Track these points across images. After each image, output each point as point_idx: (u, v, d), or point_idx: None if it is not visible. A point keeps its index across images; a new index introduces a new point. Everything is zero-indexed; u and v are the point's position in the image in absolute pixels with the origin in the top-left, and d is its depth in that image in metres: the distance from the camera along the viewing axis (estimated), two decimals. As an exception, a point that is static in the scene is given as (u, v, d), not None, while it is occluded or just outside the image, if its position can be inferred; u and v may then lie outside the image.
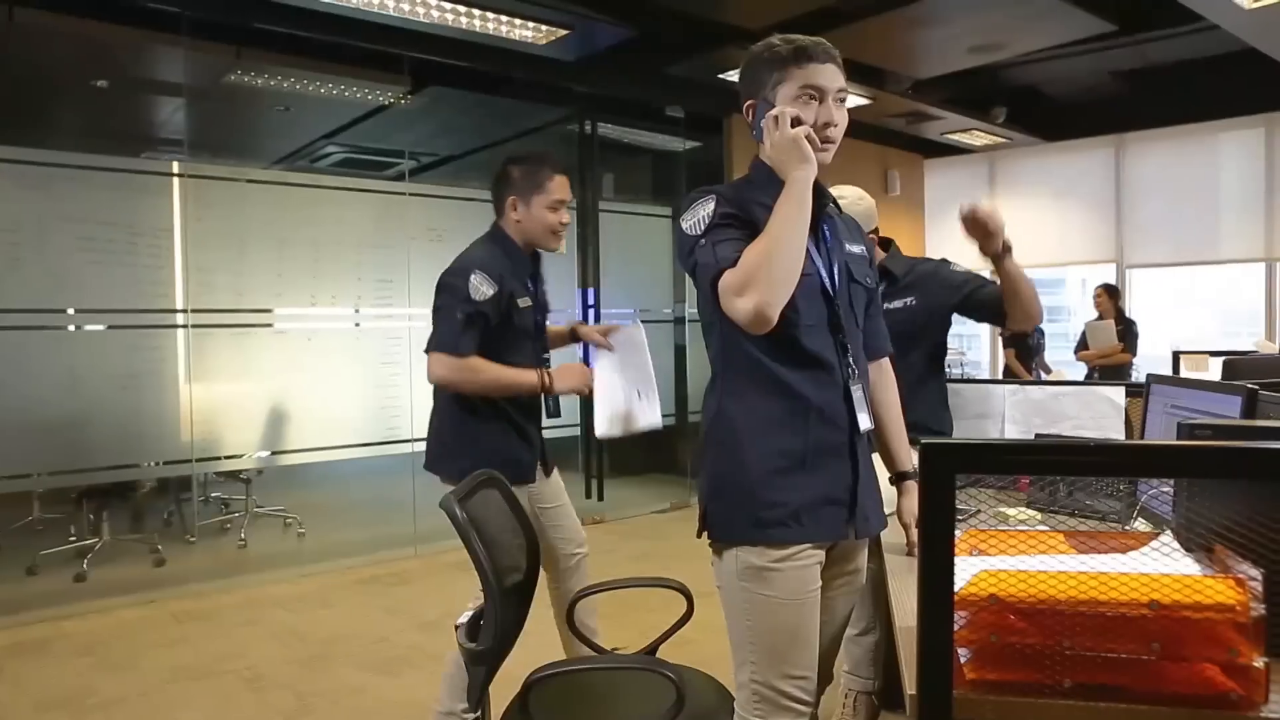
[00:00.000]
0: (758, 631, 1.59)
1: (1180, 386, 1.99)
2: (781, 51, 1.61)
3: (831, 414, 1.62)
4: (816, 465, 1.61)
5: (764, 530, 1.58)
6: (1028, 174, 8.56)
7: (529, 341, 2.58)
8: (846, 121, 1.65)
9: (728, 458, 1.65)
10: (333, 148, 7.43)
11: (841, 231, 1.75)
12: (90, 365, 4.36)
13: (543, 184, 2.51)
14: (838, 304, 1.66)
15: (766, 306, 1.48)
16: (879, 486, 1.75)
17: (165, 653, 3.64)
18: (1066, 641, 1.07)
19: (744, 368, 1.65)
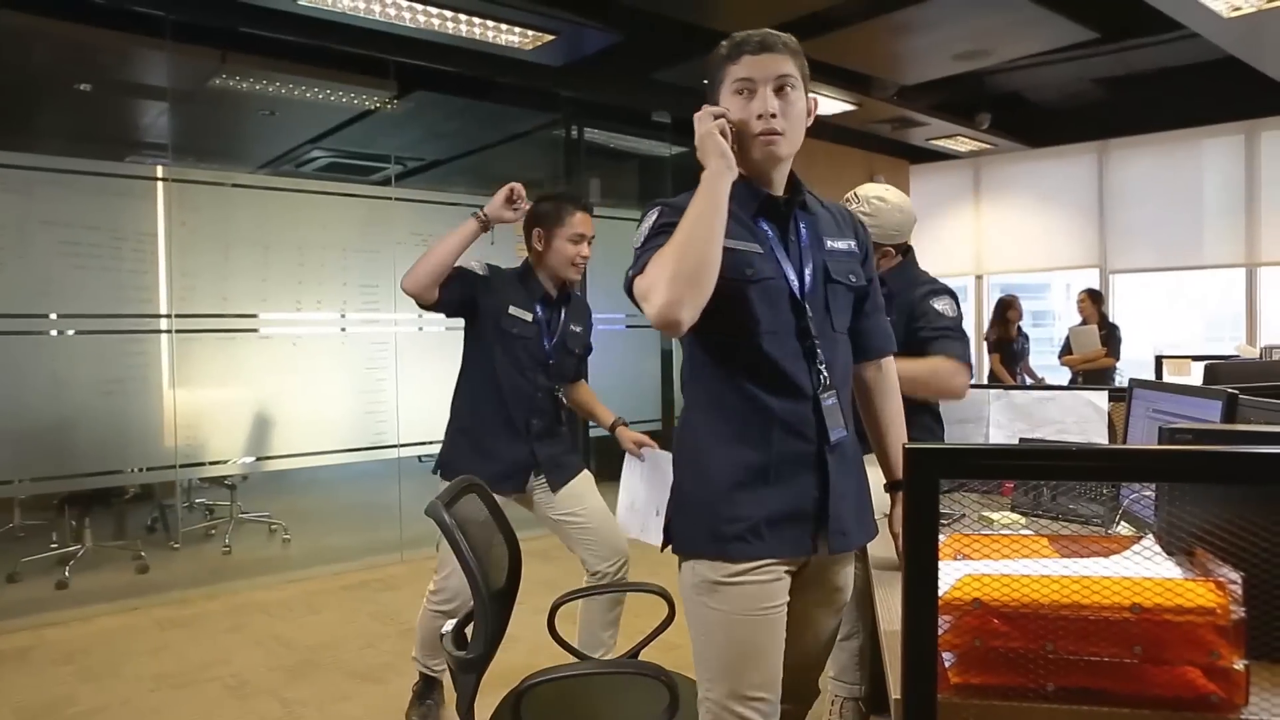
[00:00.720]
0: (712, 647, 1.55)
1: (1162, 391, 2.00)
2: (722, 50, 1.59)
3: (797, 425, 1.56)
4: (780, 478, 1.55)
5: (722, 545, 1.54)
6: (1013, 179, 8.62)
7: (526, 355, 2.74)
8: (802, 108, 1.58)
9: (690, 470, 1.62)
10: (318, 152, 7.41)
11: (824, 227, 1.67)
12: (73, 371, 4.32)
13: (564, 218, 2.76)
14: (807, 308, 1.58)
15: (668, 307, 1.41)
16: (867, 496, 1.69)
17: (148, 661, 3.61)
18: (1050, 645, 1.08)
19: (706, 378, 1.61)
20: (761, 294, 1.54)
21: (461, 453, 2.77)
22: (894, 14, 5.06)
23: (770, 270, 1.56)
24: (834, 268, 1.63)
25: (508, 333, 2.73)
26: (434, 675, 2.93)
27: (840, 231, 1.69)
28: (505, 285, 2.78)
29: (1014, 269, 8.81)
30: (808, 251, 1.62)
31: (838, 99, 6.35)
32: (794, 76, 1.56)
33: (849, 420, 1.64)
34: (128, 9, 4.35)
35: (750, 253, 1.56)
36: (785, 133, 1.55)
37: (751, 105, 1.54)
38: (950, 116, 7.24)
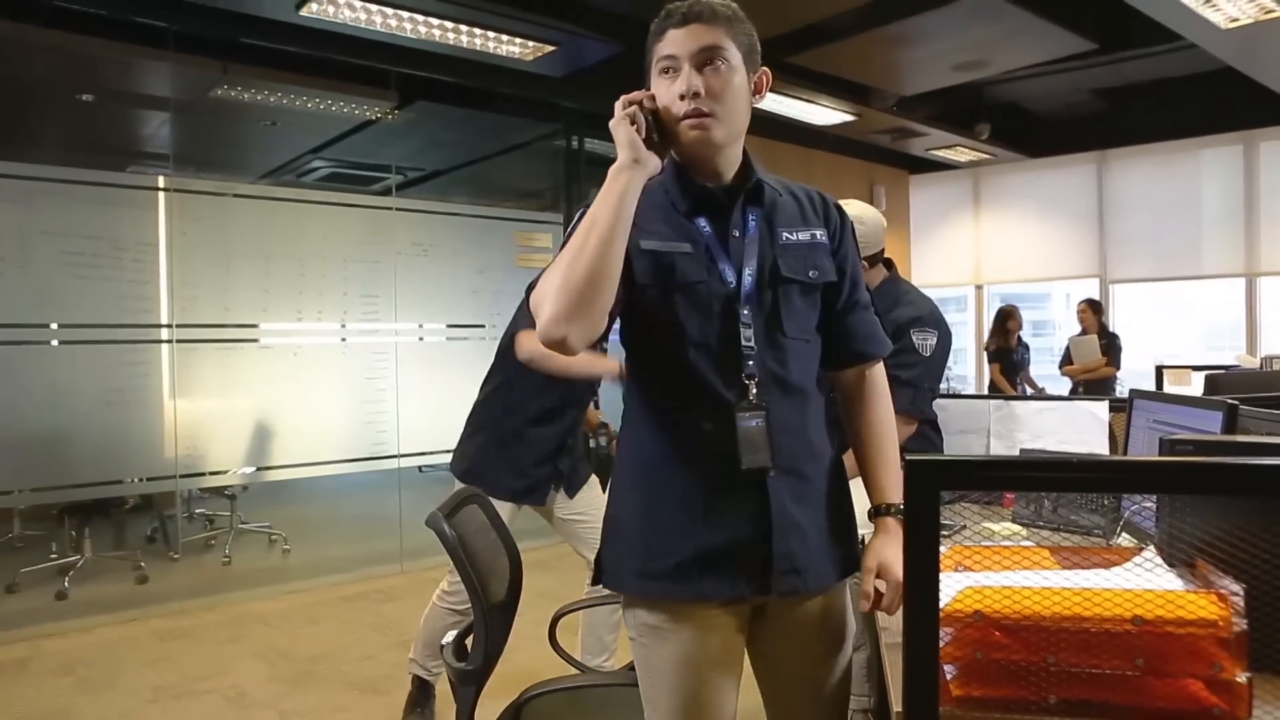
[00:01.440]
0: (654, 694, 1.40)
1: (1162, 402, 2.00)
2: (653, 26, 1.41)
3: (729, 448, 1.36)
4: (713, 509, 1.36)
5: (646, 583, 1.38)
6: (1012, 189, 8.64)
7: None
8: (740, 83, 1.37)
9: (619, 498, 1.46)
10: (319, 162, 7.42)
11: (780, 217, 1.46)
12: (74, 381, 4.33)
13: None
14: (743, 313, 1.39)
15: (552, 323, 1.26)
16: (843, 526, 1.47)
17: (147, 672, 3.60)
18: (1051, 657, 1.08)
19: (637, 394, 1.46)
20: (689, 301, 1.37)
21: (491, 464, 2.81)
22: (892, 25, 5.07)
23: (697, 273, 1.38)
24: (787, 264, 1.42)
25: None
26: (429, 679, 2.94)
27: (803, 220, 1.47)
28: None
29: (1014, 279, 8.82)
30: (752, 247, 1.41)
31: (837, 109, 6.37)
32: (725, 48, 1.35)
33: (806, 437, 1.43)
34: (130, 20, 4.37)
35: (674, 253, 1.38)
36: (716, 114, 1.34)
37: (674, 86, 1.35)
38: (949, 127, 7.26)
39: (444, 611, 2.90)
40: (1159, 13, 4.57)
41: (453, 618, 2.86)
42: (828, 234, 1.49)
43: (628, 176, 1.30)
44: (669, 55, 1.36)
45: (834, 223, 1.51)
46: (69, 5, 4.15)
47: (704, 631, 1.37)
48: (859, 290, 1.52)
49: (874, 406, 1.54)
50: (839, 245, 1.50)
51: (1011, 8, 4.86)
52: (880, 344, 1.54)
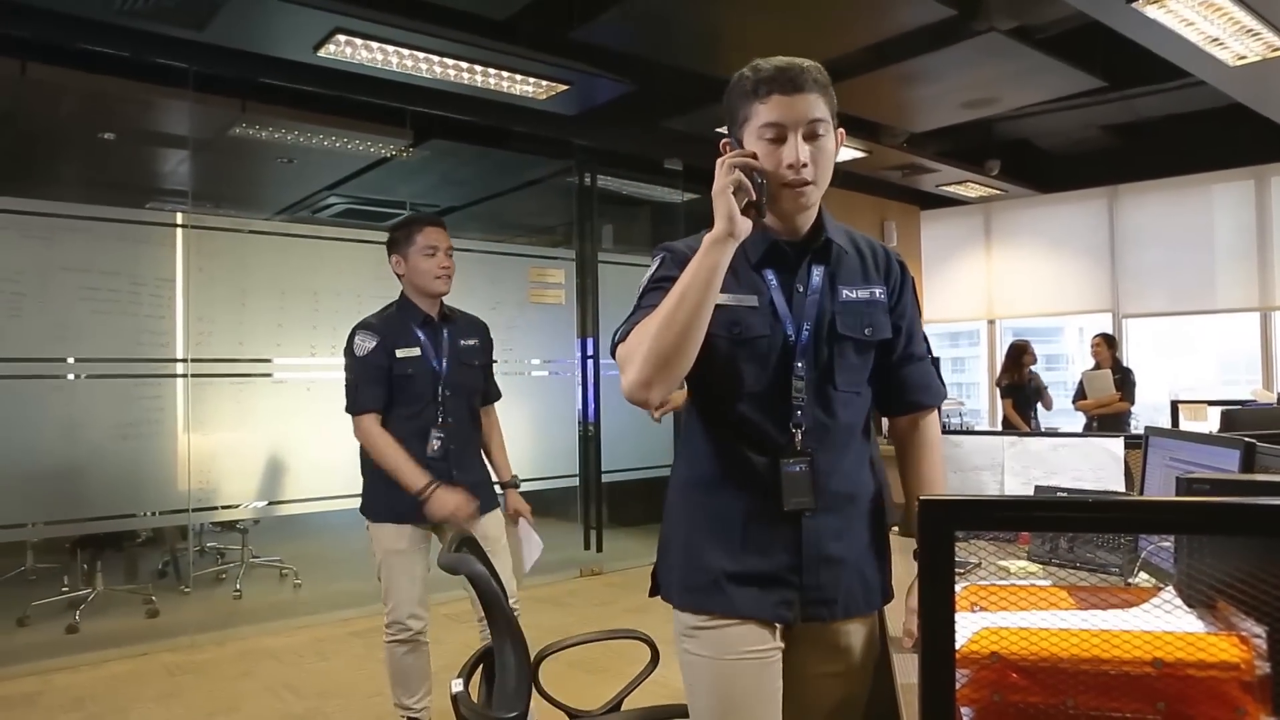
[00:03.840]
0: (699, 696, 1.50)
1: (1179, 439, 1.99)
2: (746, 83, 1.42)
3: (770, 487, 1.47)
4: (751, 538, 1.48)
5: (686, 595, 1.51)
6: (1023, 225, 8.65)
7: (415, 389, 2.82)
8: (832, 149, 1.45)
9: (671, 518, 1.59)
10: (335, 199, 7.52)
11: (844, 274, 1.54)
12: (89, 414, 4.36)
13: (413, 237, 2.84)
14: (799, 365, 1.48)
15: (638, 386, 1.35)
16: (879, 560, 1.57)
17: (157, 707, 3.58)
18: (1070, 700, 1.06)
19: (694, 430, 1.57)
20: (749, 352, 1.47)
21: (379, 493, 2.86)
22: (900, 64, 5.12)
23: (762, 326, 1.47)
24: (844, 321, 1.51)
25: (401, 376, 2.82)
26: (418, 717, 2.91)
27: (864, 277, 1.55)
28: (386, 334, 2.84)
29: (1026, 313, 8.80)
30: (814, 303, 1.50)
31: (848, 146, 6.41)
32: (826, 120, 1.43)
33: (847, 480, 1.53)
34: (152, 61, 4.46)
35: (741, 308, 1.47)
36: (816, 181, 1.43)
37: (781, 153, 1.40)
38: (960, 163, 7.30)
39: (392, 646, 2.88)
40: (1167, 51, 4.61)
41: (399, 648, 2.87)
42: (887, 290, 1.57)
43: (723, 250, 1.33)
44: (776, 123, 1.39)
45: (895, 278, 1.59)
46: (93, 48, 4.25)
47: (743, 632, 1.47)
48: (915, 343, 1.62)
49: (922, 453, 1.66)
50: (897, 301, 1.59)
51: (1020, 46, 4.91)
52: (933, 394, 1.65)
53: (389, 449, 2.75)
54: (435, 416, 2.84)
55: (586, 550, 6.40)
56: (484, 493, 2.94)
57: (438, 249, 2.85)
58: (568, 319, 6.28)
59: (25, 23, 4.02)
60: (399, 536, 2.81)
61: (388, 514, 2.84)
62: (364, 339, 2.83)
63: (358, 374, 2.81)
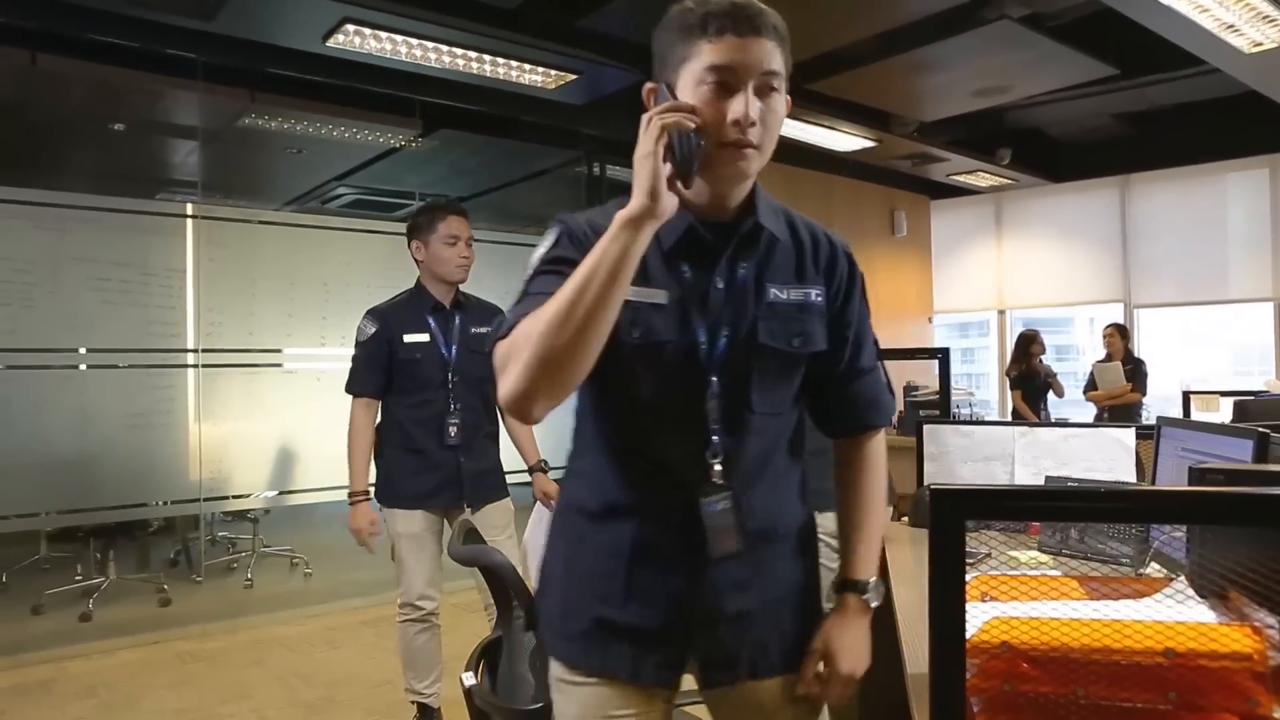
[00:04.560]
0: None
1: (1191, 430, 1.98)
2: (692, 16, 1.14)
3: (668, 526, 1.22)
4: (636, 582, 1.23)
5: (561, 643, 1.28)
6: (1034, 214, 8.61)
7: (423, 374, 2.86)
8: (782, 113, 1.18)
9: (553, 547, 1.33)
10: (344, 189, 7.52)
11: (774, 270, 1.25)
12: (100, 404, 4.38)
13: (435, 224, 2.85)
14: (713, 382, 1.21)
15: (519, 398, 1.07)
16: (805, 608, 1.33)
17: (169, 695, 3.61)
18: (1080, 690, 1.06)
19: (587, 443, 1.29)
20: (651, 361, 1.19)
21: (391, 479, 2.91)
22: (910, 53, 5.09)
23: (668, 330, 1.19)
24: (767, 328, 1.23)
25: (408, 361, 2.85)
26: (428, 702, 2.95)
27: (800, 274, 1.27)
28: (395, 319, 2.88)
29: (1037, 304, 8.76)
30: (733, 303, 1.22)
31: (857, 135, 6.39)
32: (780, 75, 1.16)
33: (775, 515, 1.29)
34: (161, 51, 4.46)
35: (644, 305, 1.18)
36: (761, 147, 1.16)
37: (728, 105, 1.12)
38: (970, 152, 7.26)
39: (404, 626, 2.93)
40: (1181, 38, 4.56)
41: (414, 628, 2.92)
42: (828, 292, 1.28)
43: (639, 232, 1.05)
44: (725, 66, 1.11)
45: (840, 277, 1.30)
46: (102, 38, 4.26)
47: (607, 695, 1.24)
48: (863, 355, 1.34)
49: (866, 476, 1.37)
50: (843, 305, 1.30)
51: (1032, 34, 4.87)
52: (881, 412, 1.37)
53: (359, 440, 2.88)
54: (447, 403, 2.86)
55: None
56: (492, 481, 2.97)
57: (459, 238, 2.88)
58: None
59: (34, 13, 4.03)
60: (411, 521, 2.87)
61: (400, 499, 2.89)
62: (366, 325, 2.89)
63: (356, 359, 2.89)
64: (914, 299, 8.77)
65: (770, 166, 1.28)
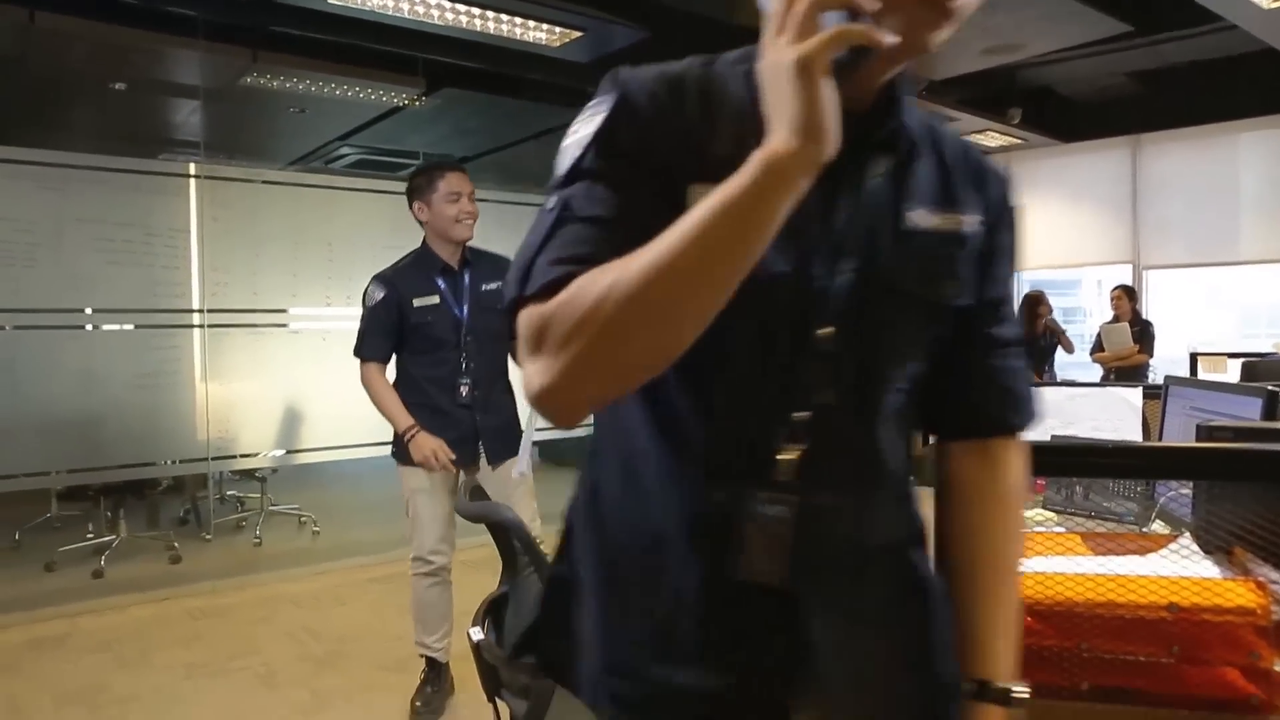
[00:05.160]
0: None
1: (1199, 389, 1.97)
2: None
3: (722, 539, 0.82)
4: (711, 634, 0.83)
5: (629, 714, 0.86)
6: (1044, 175, 8.52)
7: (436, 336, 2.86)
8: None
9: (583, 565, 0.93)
10: (347, 149, 7.47)
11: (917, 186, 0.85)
12: (108, 364, 4.40)
13: (435, 183, 2.83)
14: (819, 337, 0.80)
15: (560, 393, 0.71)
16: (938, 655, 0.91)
17: (180, 650, 3.67)
18: (1084, 644, 1.07)
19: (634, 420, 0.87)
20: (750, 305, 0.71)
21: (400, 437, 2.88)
22: (923, 8, 5.01)
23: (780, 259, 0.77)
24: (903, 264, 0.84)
25: (419, 324, 2.86)
26: (436, 657, 3.01)
27: (947, 198, 0.87)
28: (403, 283, 2.88)
29: (1045, 265, 8.71)
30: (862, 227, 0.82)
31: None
32: None
33: None
34: (161, 9, 4.41)
35: None
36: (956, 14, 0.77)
37: None
38: (980, 112, 7.16)
39: (416, 579, 2.96)
40: (1198, -7, 4.48)
41: (425, 581, 2.95)
42: (984, 221, 0.90)
43: (788, 184, 0.65)
44: None
45: (998, 211, 0.92)
46: (102, -7, 4.21)
47: None
48: (1009, 323, 0.95)
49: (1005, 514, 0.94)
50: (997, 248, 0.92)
51: (1045, -11, 4.78)
52: (1026, 410, 0.95)
53: (383, 392, 2.86)
54: (460, 363, 2.88)
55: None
56: (508, 437, 2.99)
57: (461, 194, 2.86)
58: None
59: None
60: (424, 477, 2.87)
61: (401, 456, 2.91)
62: (375, 290, 2.88)
63: (366, 323, 2.88)
64: (921, 261, 8.71)
65: None
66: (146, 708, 3.10)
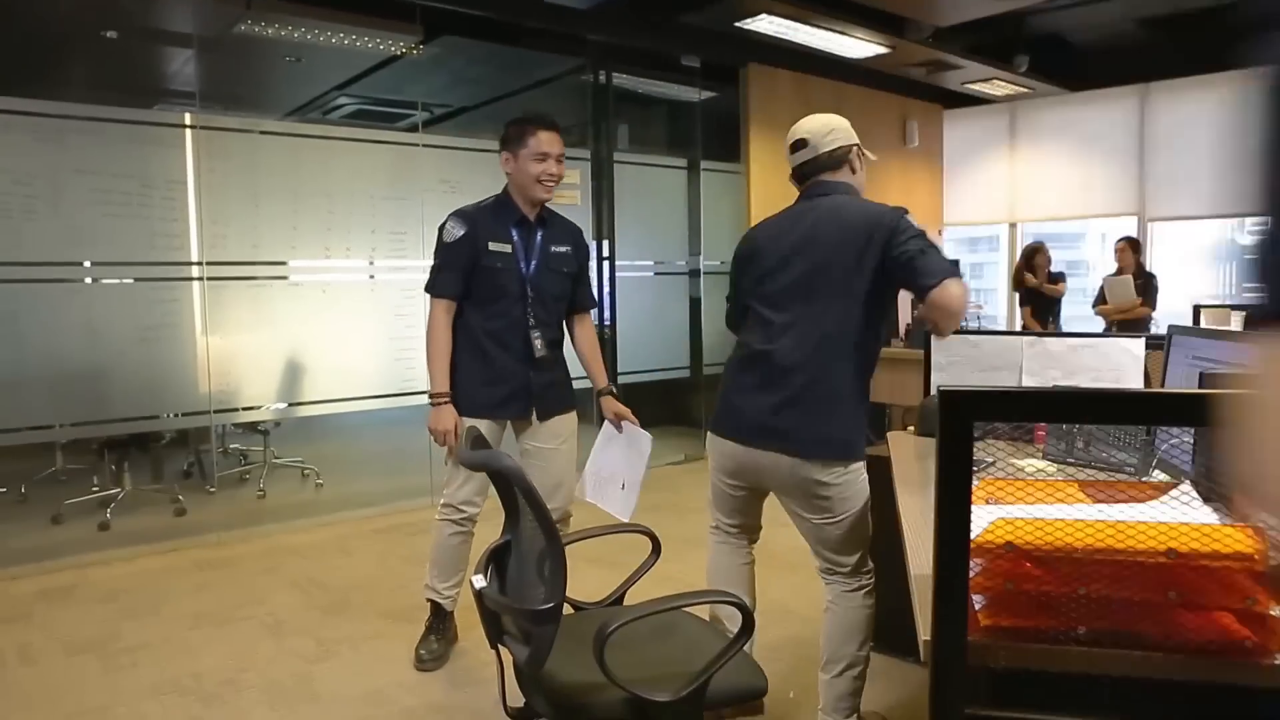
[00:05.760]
0: None
1: (1203, 338, 1.96)
2: None
3: None
4: None
5: None
6: (1050, 125, 8.41)
7: (500, 284, 2.85)
8: None
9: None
10: (345, 99, 7.37)
11: None
12: (108, 318, 4.39)
13: (526, 139, 2.82)
14: None
15: None
16: None
17: (188, 599, 3.72)
18: (1082, 589, 1.07)
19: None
20: None
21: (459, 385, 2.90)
22: (931, -49, 4.90)
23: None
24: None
25: (489, 269, 2.84)
26: (442, 602, 3.06)
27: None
28: (483, 224, 2.85)
29: (1049, 217, 8.63)
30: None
31: (870, 41, 6.20)
32: None
33: None
34: (152, -47, 4.32)
35: None
36: None
37: None
38: (987, 59, 7.05)
39: (441, 524, 3.01)
40: (1212, -65, 4.37)
41: (449, 528, 3.00)
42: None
43: None
44: None
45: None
46: (91, -63, 4.11)
47: None
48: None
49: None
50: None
51: (1056, -69, 4.67)
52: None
53: (440, 343, 2.86)
54: (524, 317, 2.88)
55: (602, 453, 6.50)
56: (562, 392, 3.02)
57: (549, 155, 2.83)
58: (583, 220, 6.20)
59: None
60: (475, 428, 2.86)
61: (471, 408, 2.89)
62: (454, 226, 2.84)
63: (442, 258, 2.86)
64: (925, 211, 8.64)
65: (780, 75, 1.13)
66: (156, 656, 3.15)
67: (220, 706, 2.77)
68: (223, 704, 2.78)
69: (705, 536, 2.52)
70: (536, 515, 1.65)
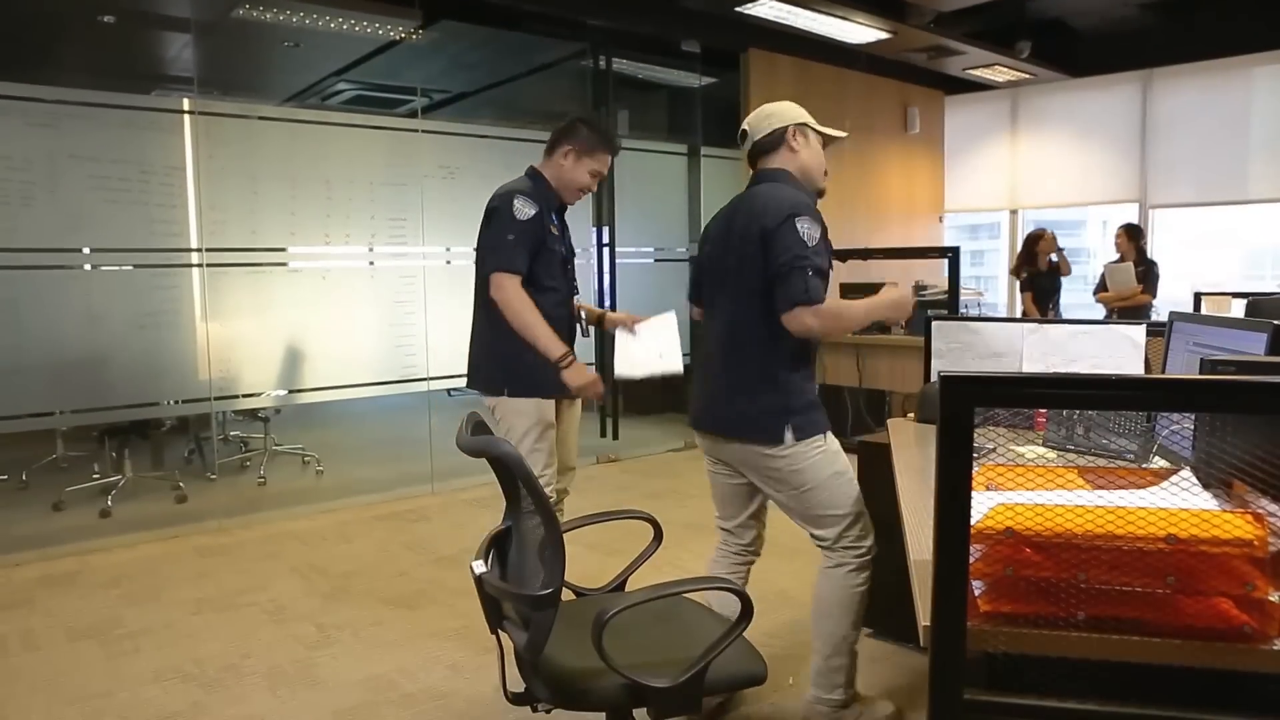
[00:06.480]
0: None
1: (1203, 324, 1.96)
2: None
3: None
4: None
5: None
6: (1052, 111, 8.38)
7: (554, 262, 2.88)
8: None
9: None
10: (344, 85, 7.34)
11: None
12: (107, 304, 4.38)
13: (596, 151, 2.91)
14: None
15: None
16: None
17: (189, 586, 3.73)
18: (1082, 575, 1.08)
19: None
20: None
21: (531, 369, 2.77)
22: (933, -65, 4.87)
23: None
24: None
25: (550, 249, 2.87)
26: None
27: None
28: (544, 205, 2.87)
29: (1050, 203, 8.61)
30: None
31: (871, 26, 6.16)
32: None
33: None
34: (149, -63, 4.29)
35: None
36: None
37: None
38: (988, 45, 7.01)
39: None
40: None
41: None
42: None
43: None
44: None
45: None
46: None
47: None
48: None
49: None
50: None
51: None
52: None
53: (533, 312, 2.72)
54: (570, 298, 2.95)
55: (603, 438, 6.50)
56: None
57: (600, 175, 2.95)
58: (583, 206, 6.18)
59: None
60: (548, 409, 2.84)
61: (545, 389, 2.80)
62: (526, 205, 2.78)
63: (517, 235, 2.75)
64: (925, 198, 8.63)
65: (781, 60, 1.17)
66: (158, 641, 3.16)
67: (222, 692, 2.78)
68: (224, 689, 2.79)
69: (706, 522, 2.53)
70: (535, 501, 1.65)
